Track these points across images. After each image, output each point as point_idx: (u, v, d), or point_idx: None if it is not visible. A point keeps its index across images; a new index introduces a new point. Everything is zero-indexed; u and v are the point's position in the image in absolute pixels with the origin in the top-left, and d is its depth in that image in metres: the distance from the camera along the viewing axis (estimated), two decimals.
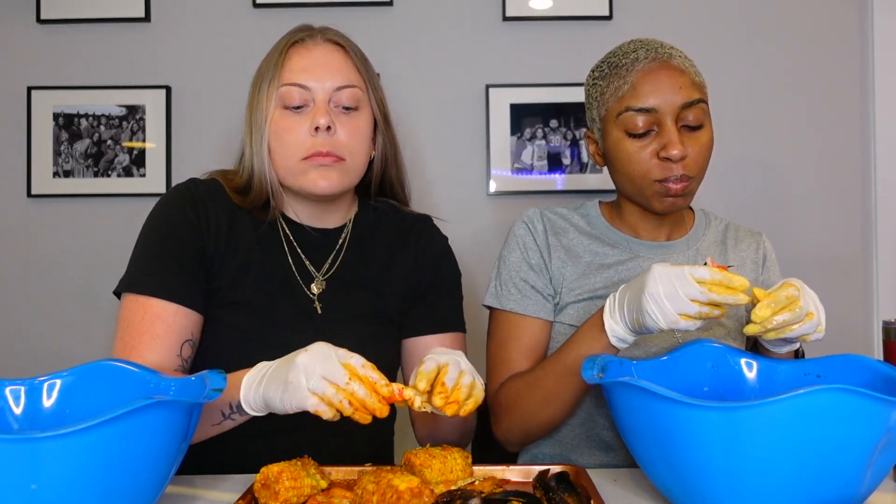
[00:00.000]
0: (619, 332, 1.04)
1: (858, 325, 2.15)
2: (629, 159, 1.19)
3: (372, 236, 1.27)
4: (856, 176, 2.17)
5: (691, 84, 1.17)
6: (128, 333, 1.09)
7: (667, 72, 1.17)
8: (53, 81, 2.12)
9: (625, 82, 1.18)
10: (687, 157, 1.16)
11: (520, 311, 1.25)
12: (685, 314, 0.95)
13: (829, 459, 0.77)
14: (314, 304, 1.19)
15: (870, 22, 2.14)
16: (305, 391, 0.88)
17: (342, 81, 1.16)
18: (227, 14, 2.13)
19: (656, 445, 0.85)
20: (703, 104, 1.18)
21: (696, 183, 1.20)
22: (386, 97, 1.26)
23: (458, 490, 0.91)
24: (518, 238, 1.29)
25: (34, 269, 2.12)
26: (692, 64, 1.21)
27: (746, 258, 1.33)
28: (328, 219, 1.25)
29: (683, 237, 1.31)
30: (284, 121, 1.15)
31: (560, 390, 1.13)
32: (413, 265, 1.28)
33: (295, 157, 1.14)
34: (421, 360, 1.04)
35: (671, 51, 1.20)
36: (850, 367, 0.98)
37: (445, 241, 1.35)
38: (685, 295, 0.94)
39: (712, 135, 1.21)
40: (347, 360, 0.90)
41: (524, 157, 2.13)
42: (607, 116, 1.21)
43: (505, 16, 2.13)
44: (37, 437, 0.67)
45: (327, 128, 1.13)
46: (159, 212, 1.17)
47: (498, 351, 1.27)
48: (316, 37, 1.20)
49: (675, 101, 1.15)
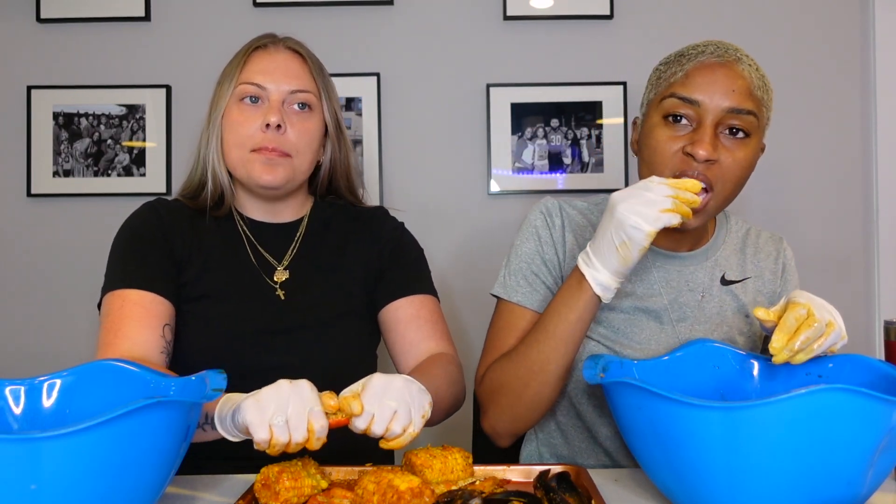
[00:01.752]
0: (602, 277, 1.03)
1: (860, 325, 2.15)
2: (656, 147, 1.12)
3: (328, 227, 1.33)
4: (857, 175, 2.17)
5: (748, 92, 1.10)
6: (109, 321, 1.14)
7: (725, 71, 1.10)
8: (53, 81, 2.12)
9: (681, 69, 1.13)
10: (716, 163, 1.09)
11: (526, 304, 1.22)
12: (664, 208, 0.97)
13: (831, 460, 0.77)
14: (276, 291, 1.24)
15: (871, 21, 2.14)
16: (267, 424, 0.84)
17: (297, 86, 1.23)
18: (228, 13, 2.13)
19: (657, 445, 0.85)
20: (754, 119, 1.10)
21: (715, 201, 1.11)
22: (341, 108, 1.34)
23: (458, 490, 0.90)
24: (534, 229, 1.25)
25: (34, 268, 2.12)
26: (761, 77, 1.13)
27: (765, 268, 1.29)
28: (282, 214, 1.31)
29: (703, 248, 1.26)
30: (239, 114, 1.22)
31: (545, 359, 1.10)
32: (370, 244, 1.32)
33: (245, 146, 1.21)
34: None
35: (742, 56, 1.13)
36: (851, 367, 0.98)
37: (401, 224, 1.38)
38: (654, 194, 0.98)
39: (753, 154, 1.12)
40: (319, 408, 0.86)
41: (525, 156, 2.12)
42: (654, 100, 1.17)
43: (506, 15, 2.12)
44: (37, 437, 0.67)
45: (277, 126, 1.20)
46: (125, 226, 1.25)
47: (494, 338, 1.24)
48: (278, 44, 1.27)
49: (723, 103, 1.09)
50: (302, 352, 1.21)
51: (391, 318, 1.28)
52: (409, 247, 1.35)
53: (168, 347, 1.16)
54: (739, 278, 1.27)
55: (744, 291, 1.26)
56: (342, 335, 1.25)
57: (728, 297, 1.25)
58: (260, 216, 1.30)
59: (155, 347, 1.12)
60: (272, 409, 0.84)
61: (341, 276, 1.29)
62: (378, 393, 0.89)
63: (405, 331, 1.26)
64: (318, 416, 0.85)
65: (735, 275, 1.27)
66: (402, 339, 1.26)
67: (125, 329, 1.12)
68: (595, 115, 2.12)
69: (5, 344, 2.12)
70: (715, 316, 1.23)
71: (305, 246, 1.30)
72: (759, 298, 1.27)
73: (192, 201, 1.28)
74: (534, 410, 1.16)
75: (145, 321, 1.13)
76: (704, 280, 1.24)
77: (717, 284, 1.25)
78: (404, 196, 2.13)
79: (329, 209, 1.36)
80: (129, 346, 1.10)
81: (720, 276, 1.26)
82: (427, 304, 1.29)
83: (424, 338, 1.25)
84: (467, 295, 2.08)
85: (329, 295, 1.27)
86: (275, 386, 0.86)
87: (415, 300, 1.28)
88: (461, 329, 2.06)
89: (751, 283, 1.27)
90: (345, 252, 1.31)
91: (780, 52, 2.15)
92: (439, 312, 1.31)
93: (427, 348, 1.24)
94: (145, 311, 1.14)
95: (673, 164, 1.11)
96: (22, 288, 2.12)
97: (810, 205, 2.16)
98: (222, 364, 1.03)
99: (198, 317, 1.20)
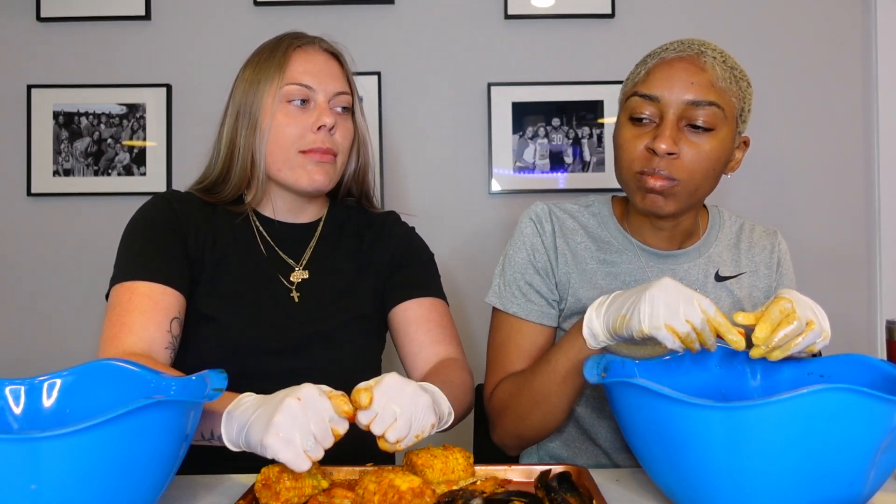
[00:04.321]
0: (596, 327, 1.02)
1: (862, 325, 2.15)
2: (623, 145, 1.15)
3: (343, 229, 1.34)
4: (859, 175, 2.16)
5: (709, 84, 1.10)
6: (116, 314, 1.12)
7: (684, 65, 1.11)
8: (53, 80, 2.12)
9: (644, 68, 1.15)
10: (678, 157, 1.10)
11: (522, 315, 1.23)
12: (672, 327, 0.92)
13: (833, 459, 0.77)
14: (291, 293, 1.23)
15: (873, 20, 2.14)
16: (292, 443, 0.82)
17: (340, 88, 1.25)
18: (228, 12, 2.13)
19: (659, 445, 0.85)
20: (717, 109, 1.10)
21: (683, 188, 1.12)
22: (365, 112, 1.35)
23: (459, 490, 0.90)
24: (525, 238, 1.25)
25: (34, 267, 2.12)
26: (729, 68, 1.13)
27: (760, 262, 1.29)
28: (303, 214, 1.31)
29: (695, 245, 1.26)
30: (285, 115, 1.21)
31: (548, 392, 1.11)
32: (383, 247, 1.32)
33: (293, 148, 1.20)
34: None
35: (706, 49, 1.13)
36: (853, 366, 0.98)
37: (412, 229, 1.39)
38: (684, 312, 0.92)
39: (723, 147, 1.12)
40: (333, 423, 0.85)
41: (526, 155, 2.12)
42: (622, 100, 1.19)
43: (507, 14, 2.12)
44: (37, 437, 0.67)
45: (331, 127, 1.21)
46: (136, 217, 1.23)
47: (497, 353, 1.25)
48: (315, 44, 1.27)
49: (683, 97, 1.10)
50: (313, 354, 1.20)
51: (401, 318, 1.28)
52: (420, 251, 1.36)
53: (174, 342, 1.14)
54: (734, 274, 1.26)
55: (739, 287, 1.26)
56: (353, 339, 1.24)
57: (723, 293, 1.25)
58: (282, 215, 1.29)
59: (160, 343, 1.11)
60: (298, 438, 0.81)
61: (354, 279, 1.29)
62: (388, 394, 0.88)
63: (415, 333, 1.26)
64: (340, 423, 0.85)
65: (729, 270, 1.26)
66: (411, 340, 1.26)
67: (131, 323, 1.10)
68: (596, 114, 2.11)
69: (5, 343, 2.11)
70: None
71: (322, 247, 1.30)
72: (755, 293, 1.27)
73: (208, 195, 1.26)
74: (539, 432, 1.18)
75: (152, 315, 1.11)
76: (698, 277, 1.24)
77: (711, 281, 1.25)
78: (405, 195, 2.13)
79: (344, 211, 1.36)
80: (133, 341, 1.08)
81: (714, 272, 1.25)
82: (437, 307, 1.29)
83: (434, 341, 1.25)
84: (468, 293, 2.08)
85: (342, 298, 1.26)
86: (284, 408, 0.82)
87: (424, 302, 1.28)
88: (462, 326, 2.05)
89: (746, 278, 1.27)
90: (357, 255, 1.31)
91: (781, 51, 2.15)
92: (449, 317, 1.31)
93: (436, 352, 1.24)
94: (153, 304, 1.12)
95: (637, 160, 1.12)
96: (22, 287, 2.12)
97: (812, 204, 2.16)
98: (231, 364, 1.03)
99: (210, 317, 1.18)
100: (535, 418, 1.15)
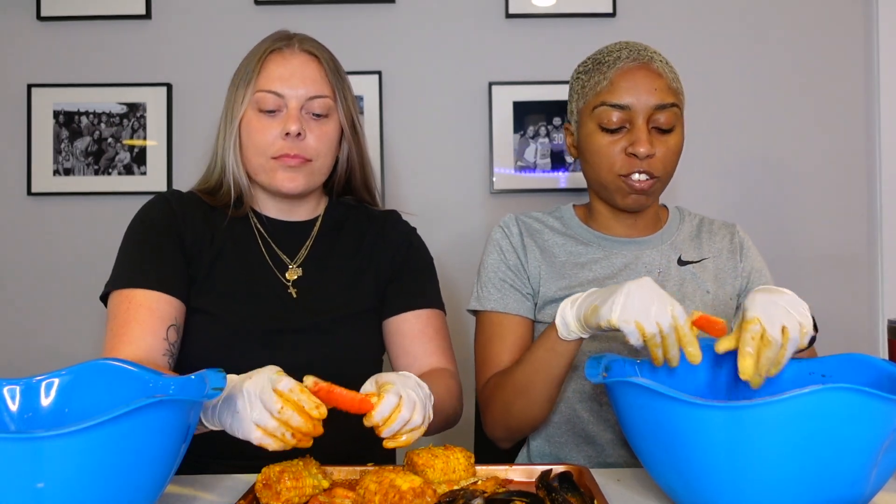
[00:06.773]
0: (568, 316, 1.04)
1: (863, 324, 2.14)
2: (599, 152, 1.23)
3: (342, 227, 1.35)
4: (861, 174, 2.16)
5: (667, 88, 1.22)
6: (115, 324, 1.15)
7: (644, 73, 1.21)
8: (54, 79, 2.11)
9: (604, 78, 1.23)
10: (654, 156, 1.20)
11: (500, 309, 1.27)
12: (641, 325, 0.93)
13: (834, 459, 0.77)
14: (289, 289, 1.25)
15: (874, 20, 2.14)
16: (250, 423, 0.86)
17: (314, 91, 1.23)
18: (229, 11, 2.13)
19: (660, 445, 0.85)
20: (677, 108, 1.23)
21: (661, 183, 1.24)
22: (356, 106, 1.33)
23: (460, 490, 0.90)
24: (495, 242, 1.33)
25: (34, 267, 2.12)
26: (672, 69, 1.25)
27: (722, 248, 1.35)
28: (297, 213, 1.32)
29: (658, 233, 1.33)
30: (258, 122, 1.23)
31: (528, 381, 1.15)
32: (383, 247, 1.33)
33: (265, 154, 1.22)
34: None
35: (653, 54, 1.24)
36: (854, 366, 0.98)
37: (413, 229, 1.40)
38: (655, 313, 0.93)
39: (682, 139, 1.25)
40: (276, 384, 0.87)
41: (527, 154, 2.12)
42: (585, 109, 1.26)
43: (508, 13, 2.12)
44: (39, 437, 0.67)
45: (297, 134, 1.21)
46: (137, 218, 1.26)
47: (483, 350, 1.29)
48: (293, 46, 1.26)
49: (649, 102, 1.20)
50: (311, 350, 1.21)
51: (396, 329, 1.29)
52: (420, 254, 1.36)
53: (172, 349, 1.16)
54: (696, 259, 1.32)
55: (702, 270, 1.31)
56: (352, 335, 1.25)
57: (687, 276, 1.30)
58: (276, 214, 1.31)
59: (157, 350, 1.13)
60: (248, 408, 0.86)
61: (353, 276, 1.30)
62: (401, 382, 0.93)
63: (410, 345, 1.28)
64: (276, 380, 0.87)
65: (692, 256, 1.33)
66: (405, 352, 1.28)
67: (129, 333, 1.13)
68: None
69: (5, 343, 2.11)
70: (676, 294, 1.27)
71: (319, 245, 1.31)
72: (721, 275, 1.32)
73: (209, 197, 1.28)
74: (524, 423, 1.21)
75: (149, 324, 1.13)
76: (662, 262, 1.31)
77: (674, 265, 1.31)
78: (405, 195, 2.13)
79: (343, 209, 1.37)
80: (132, 351, 1.11)
81: (677, 257, 1.32)
82: (433, 320, 1.30)
83: (427, 354, 1.27)
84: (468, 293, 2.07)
85: (340, 295, 1.27)
86: (244, 396, 0.87)
87: (421, 315, 1.29)
88: (462, 326, 2.05)
89: (710, 262, 1.33)
90: (357, 253, 1.32)
91: (784, 51, 2.15)
92: (444, 328, 1.32)
93: (429, 363, 1.26)
94: (150, 313, 1.14)
95: (618, 165, 1.22)
96: (22, 287, 2.12)
97: (814, 204, 2.16)
98: (229, 361, 1.03)
99: (206, 311, 1.20)
100: (518, 407, 1.17)
